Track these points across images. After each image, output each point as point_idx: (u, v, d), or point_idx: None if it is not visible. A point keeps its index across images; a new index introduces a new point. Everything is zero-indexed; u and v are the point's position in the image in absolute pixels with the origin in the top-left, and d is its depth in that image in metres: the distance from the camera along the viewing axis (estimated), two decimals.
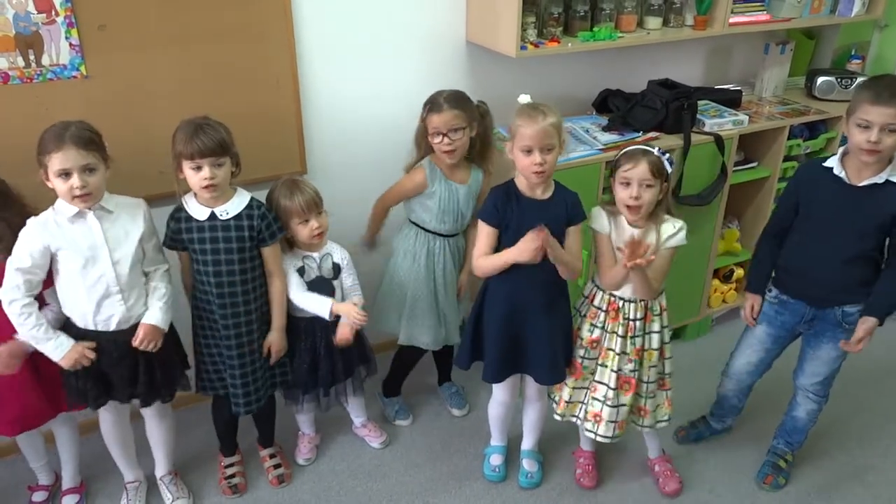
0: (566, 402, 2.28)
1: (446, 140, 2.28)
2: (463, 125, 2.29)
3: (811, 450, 2.61)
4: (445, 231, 2.45)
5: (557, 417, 2.33)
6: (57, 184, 1.87)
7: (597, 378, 2.22)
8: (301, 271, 2.25)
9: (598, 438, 2.28)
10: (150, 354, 2.07)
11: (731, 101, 3.05)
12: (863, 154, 2.01)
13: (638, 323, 2.16)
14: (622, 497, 2.44)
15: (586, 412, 2.27)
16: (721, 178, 2.84)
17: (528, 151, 1.99)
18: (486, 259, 2.11)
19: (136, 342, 2.00)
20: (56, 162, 1.83)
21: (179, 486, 2.41)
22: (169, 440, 2.37)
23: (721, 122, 2.86)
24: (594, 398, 2.23)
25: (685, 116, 2.75)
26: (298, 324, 2.30)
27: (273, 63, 2.41)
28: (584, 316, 2.23)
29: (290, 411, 2.54)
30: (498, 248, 2.12)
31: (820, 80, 3.19)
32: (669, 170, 2.07)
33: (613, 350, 2.18)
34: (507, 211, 2.08)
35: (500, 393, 2.39)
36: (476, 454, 2.59)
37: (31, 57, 2.09)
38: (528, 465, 2.51)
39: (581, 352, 2.21)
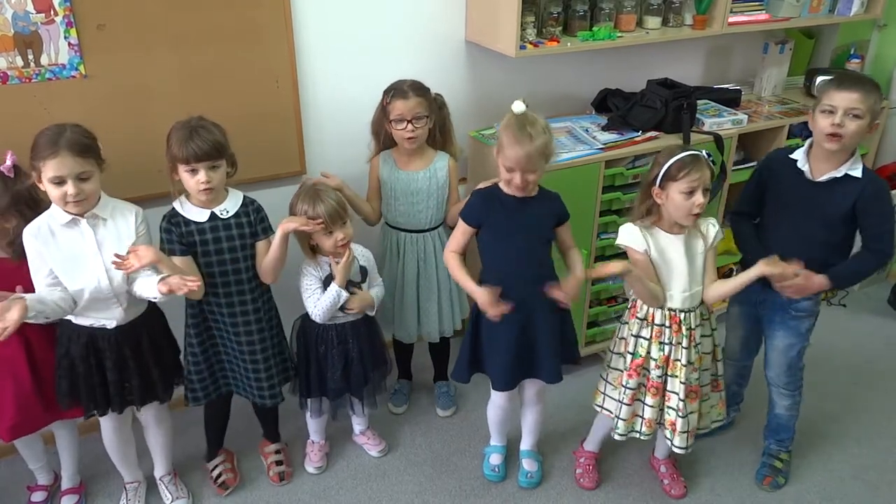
0: (652, 419, 2.23)
1: (409, 127, 2.30)
2: (426, 113, 2.33)
3: (810, 450, 2.61)
4: (406, 224, 2.47)
5: (645, 438, 2.28)
6: (50, 189, 1.84)
7: (668, 388, 2.20)
8: (328, 280, 2.22)
9: (675, 449, 2.25)
10: (144, 353, 2.07)
11: (731, 100, 3.06)
12: (826, 140, 2.06)
13: (697, 330, 2.15)
14: (622, 498, 2.44)
15: (665, 419, 2.25)
16: (721, 177, 2.84)
17: (510, 170, 2.01)
18: (454, 262, 2.17)
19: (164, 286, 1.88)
20: (50, 169, 1.81)
21: (178, 486, 2.41)
22: (167, 444, 2.37)
23: (720, 122, 2.86)
24: (669, 406, 2.21)
25: (684, 116, 2.75)
26: (329, 331, 2.29)
27: (272, 63, 2.41)
28: (649, 339, 2.17)
29: (295, 418, 2.53)
30: (480, 245, 2.17)
31: (819, 79, 3.18)
32: (714, 170, 2.07)
33: (680, 361, 2.15)
34: (489, 212, 2.11)
35: (498, 397, 2.38)
36: (476, 453, 2.59)
37: (30, 57, 2.08)
38: (527, 465, 2.50)
39: (657, 372, 2.17)
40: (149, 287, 1.92)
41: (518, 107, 2.01)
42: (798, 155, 2.18)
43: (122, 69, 2.20)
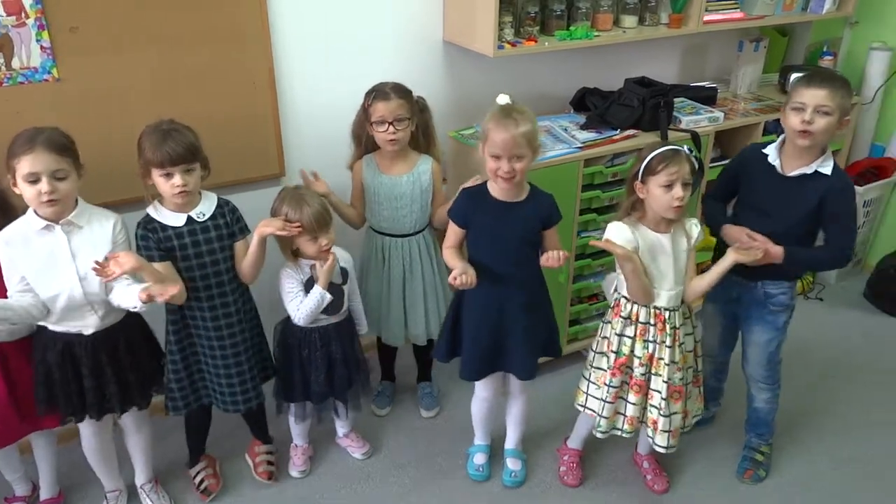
0: (634, 417, 2.24)
1: (391, 129, 2.29)
2: (408, 115, 2.31)
3: (789, 442, 2.64)
4: (390, 229, 2.45)
5: (626, 435, 2.29)
6: (24, 189, 1.81)
7: (651, 386, 2.21)
8: (309, 283, 2.21)
9: (656, 447, 2.26)
10: (121, 361, 2.04)
11: (707, 98, 3.09)
12: (797, 137, 2.10)
13: (681, 330, 2.17)
14: (605, 495, 2.45)
15: (647, 418, 2.26)
16: (698, 174, 2.85)
17: (496, 157, 1.99)
18: (449, 253, 2.17)
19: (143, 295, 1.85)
20: (25, 165, 1.78)
21: (160, 493, 2.39)
22: (147, 449, 2.34)
23: (697, 119, 2.89)
24: (651, 405, 2.22)
25: (662, 114, 2.77)
26: (312, 334, 2.28)
27: (249, 64, 2.39)
28: (633, 337, 2.18)
29: (278, 423, 2.51)
30: (467, 242, 2.17)
31: (793, 76, 3.21)
32: (696, 166, 2.08)
33: (664, 360, 2.16)
34: (475, 212, 2.11)
35: (481, 389, 2.39)
36: (460, 453, 2.59)
37: (1, 60, 2.05)
38: (511, 463, 2.51)
39: (641, 370, 2.18)
40: (128, 297, 1.89)
41: (503, 99, 2.03)
42: (770, 150, 2.22)
43: (95, 72, 2.18)
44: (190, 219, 2.04)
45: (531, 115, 2.02)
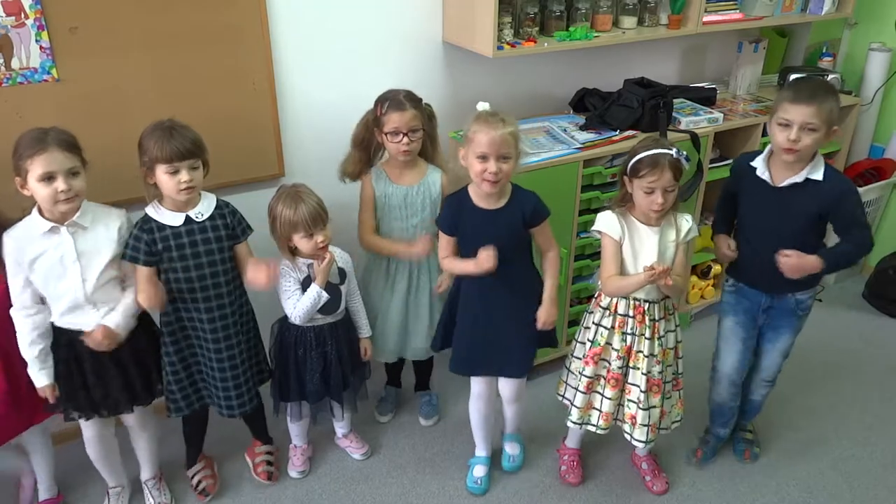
0: (609, 413, 2.24)
1: (405, 140, 2.25)
2: (421, 126, 2.29)
3: (789, 442, 2.65)
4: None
5: (601, 432, 2.29)
6: (38, 189, 1.81)
7: (629, 381, 2.21)
8: (307, 282, 2.20)
9: (634, 443, 2.26)
10: (124, 358, 2.05)
11: (706, 99, 3.09)
12: (783, 153, 2.06)
13: (661, 323, 2.16)
14: (605, 495, 2.45)
15: (623, 414, 2.26)
16: (697, 175, 2.87)
17: (483, 158, 1.97)
18: (449, 262, 2.17)
19: (88, 339, 1.94)
20: (39, 165, 1.78)
21: (163, 490, 2.39)
22: (153, 446, 2.35)
23: (696, 120, 2.89)
24: (629, 400, 2.22)
25: (661, 115, 2.77)
26: (308, 333, 2.28)
27: (249, 65, 2.39)
28: (612, 328, 2.18)
29: (278, 423, 2.51)
30: (459, 249, 2.16)
31: (792, 77, 3.23)
32: (686, 167, 2.06)
33: (643, 352, 2.16)
34: (459, 220, 2.11)
35: (476, 385, 2.36)
36: (459, 454, 2.59)
37: (0, 60, 2.05)
38: (509, 448, 2.51)
39: (618, 363, 2.18)
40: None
41: (483, 106, 2.03)
42: (758, 163, 2.17)
43: (95, 72, 2.18)
44: (188, 218, 2.04)
45: (514, 119, 2.03)
